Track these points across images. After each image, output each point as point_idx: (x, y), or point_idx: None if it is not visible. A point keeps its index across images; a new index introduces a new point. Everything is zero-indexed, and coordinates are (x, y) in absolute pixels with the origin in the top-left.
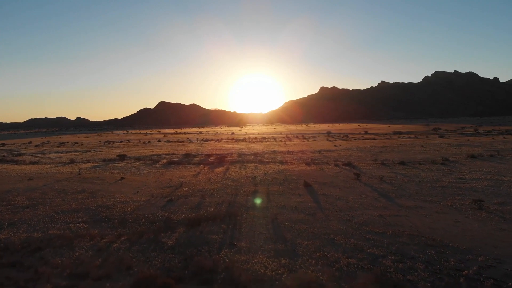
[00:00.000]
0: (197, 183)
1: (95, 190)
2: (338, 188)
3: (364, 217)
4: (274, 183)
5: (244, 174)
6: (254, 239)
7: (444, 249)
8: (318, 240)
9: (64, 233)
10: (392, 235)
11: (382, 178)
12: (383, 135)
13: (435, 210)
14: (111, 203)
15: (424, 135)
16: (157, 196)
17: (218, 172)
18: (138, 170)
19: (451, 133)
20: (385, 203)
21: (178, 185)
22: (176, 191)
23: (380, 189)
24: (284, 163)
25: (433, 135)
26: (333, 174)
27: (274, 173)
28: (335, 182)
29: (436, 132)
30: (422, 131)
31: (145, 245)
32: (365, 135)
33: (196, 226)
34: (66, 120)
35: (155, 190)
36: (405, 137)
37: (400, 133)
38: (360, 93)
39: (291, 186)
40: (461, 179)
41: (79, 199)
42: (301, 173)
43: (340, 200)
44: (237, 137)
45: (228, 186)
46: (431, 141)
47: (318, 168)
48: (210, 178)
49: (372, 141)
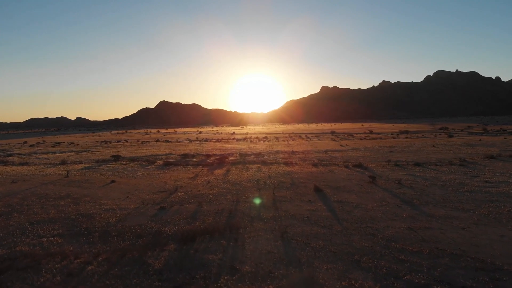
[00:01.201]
0: (194, 187)
1: (80, 195)
2: (354, 194)
3: (391, 231)
4: (280, 187)
5: (246, 176)
6: (261, 260)
7: (499, 274)
8: (341, 262)
9: (34, 250)
10: (430, 255)
11: (400, 182)
12: (389, 134)
13: (472, 221)
14: (95, 212)
15: (432, 135)
16: (148, 203)
17: (217, 175)
18: (132, 172)
19: (459, 133)
20: (410, 212)
21: (173, 190)
22: (170, 197)
23: (401, 195)
24: (289, 164)
25: (441, 134)
26: (345, 177)
27: (279, 175)
28: (348, 186)
29: (444, 131)
30: (429, 130)
31: (127, 268)
32: (371, 135)
33: (190, 242)
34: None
35: (147, 195)
36: (412, 136)
37: (407, 132)
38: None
39: (300, 191)
40: (488, 183)
41: (60, 206)
42: (309, 175)
43: (358, 209)
44: (238, 136)
45: (228, 191)
46: (441, 140)
47: (327, 170)
48: (209, 182)
49: (379, 141)
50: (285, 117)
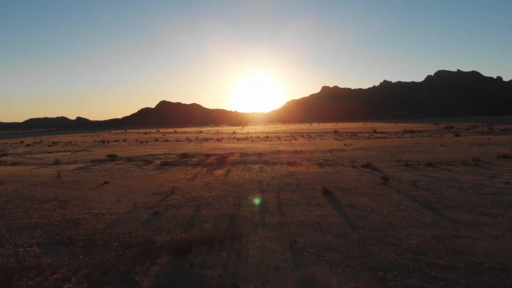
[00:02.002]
0: (192, 189)
1: (69, 198)
2: (366, 197)
3: (415, 240)
4: (285, 189)
5: (248, 177)
6: (267, 278)
7: None
8: (363, 280)
9: (6, 262)
10: (466, 270)
11: (415, 183)
12: (393, 133)
13: (504, 227)
14: (82, 217)
15: (438, 134)
16: (141, 207)
17: (217, 175)
18: (127, 173)
19: (465, 132)
20: (433, 217)
21: (169, 192)
22: (165, 200)
23: (419, 198)
24: (293, 164)
25: (447, 133)
26: (354, 178)
27: (284, 176)
28: (359, 188)
29: (449, 130)
30: (433, 129)
31: (110, 287)
32: (375, 134)
33: (185, 254)
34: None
35: (141, 198)
36: (418, 135)
37: (412, 131)
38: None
39: (307, 193)
40: (510, 184)
41: (45, 211)
42: (315, 176)
43: (374, 214)
44: (239, 136)
45: (229, 193)
46: (448, 140)
47: (334, 170)
48: (208, 183)
49: (384, 140)
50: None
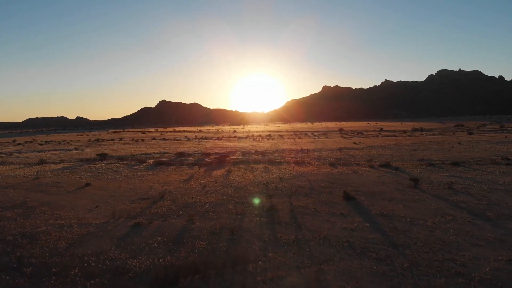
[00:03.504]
0: (186, 193)
1: (39, 203)
2: (398, 203)
3: (488, 268)
4: (297, 193)
5: (251, 179)
6: None
7: None
8: None
9: None
10: None
11: (451, 186)
12: (402, 132)
13: None
14: (44, 229)
15: (450, 132)
16: (121, 216)
17: (216, 176)
18: (115, 173)
19: (476, 130)
20: (493, 231)
21: (158, 196)
22: (152, 207)
23: (463, 204)
24: (301, 163)
25: (459, 132)
26: (375, 180)
27: (293, 177)
28: (386, 192)
29: (459, 128)
30: (443, 128)
31: None
32: (382, 132)
33: None
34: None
35: (123, 204)
36: (428, 134)
37: (421, 130)
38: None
39: (324, 198)
40: None
41: (3, 220)
42: (329, 177)
43: (416, 227)
44: (240, 135)
45: (230, 199)
46: (463, 138)
47: (349, 170)
48: (205, 185)
49: (394, 139)
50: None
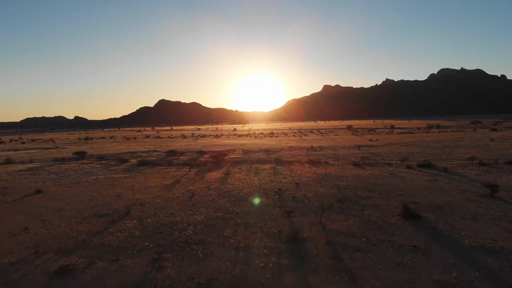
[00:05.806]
0: (164, 207)
1: None
2: (491, 224)
3: None
4: (330, 208)
5: (257, 183)
6: None
7: None
8: None
9: None
10: None
11: None
12: (416, 129)
13: None
14: None
15: (469, 129)
16: (48, 250)
17: (210, 180)
18: (83, 176)
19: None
20: None
21: (122, 212)
22: (105, 231)
23: None
24: (317, 163)
25: (478, 129)
26: (427, 185)
27: (313, 182)
28: (456, 204)
29: (477, 125)
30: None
31: None
32: (395, 130)
33: None
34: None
35: (65, 225)
36: (447, 130)
37: (438, 126)
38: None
39: (373, 216)
40: None
41: None
42: (363, 182)
43: None
44: (240, 132)
45: (227, 217)
46: (490, 134)
47: (384, 172)
48: (193, 194)
49: (413, 136)
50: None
